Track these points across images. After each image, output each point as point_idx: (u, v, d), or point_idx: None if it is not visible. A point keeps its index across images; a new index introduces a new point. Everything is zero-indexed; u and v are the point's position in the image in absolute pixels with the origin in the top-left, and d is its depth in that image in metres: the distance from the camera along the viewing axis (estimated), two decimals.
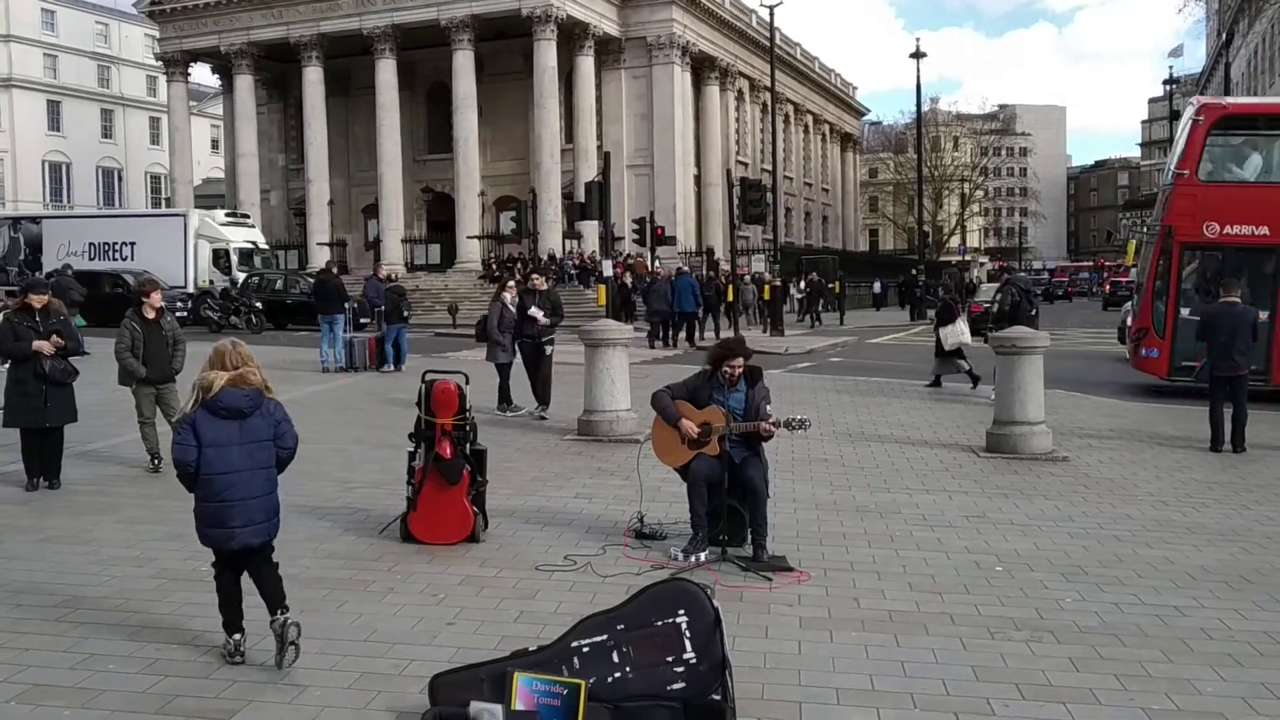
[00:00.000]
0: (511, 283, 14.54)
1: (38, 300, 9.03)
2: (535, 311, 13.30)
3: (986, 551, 7.13)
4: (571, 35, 45.78)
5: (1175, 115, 53.83)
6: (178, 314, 31.58)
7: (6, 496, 8.75)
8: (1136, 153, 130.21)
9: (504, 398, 13.61)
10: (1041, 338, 11.20)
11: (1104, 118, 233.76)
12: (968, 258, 79.62)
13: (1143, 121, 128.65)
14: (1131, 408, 14.55)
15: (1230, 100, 21.44)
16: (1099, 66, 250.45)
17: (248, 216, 44.34)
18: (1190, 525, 7.97)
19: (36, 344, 8.80)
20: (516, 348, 13.64)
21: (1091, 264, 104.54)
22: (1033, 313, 14.85)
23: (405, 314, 19.33)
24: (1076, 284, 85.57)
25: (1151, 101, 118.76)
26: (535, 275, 14.51)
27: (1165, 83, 52.36)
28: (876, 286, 53.01)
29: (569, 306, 35.17)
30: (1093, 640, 5.44)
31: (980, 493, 9.00)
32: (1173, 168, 16.38)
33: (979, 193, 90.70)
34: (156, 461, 9.75)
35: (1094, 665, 5.11)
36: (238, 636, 5.18)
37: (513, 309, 13.66)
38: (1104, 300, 56.89)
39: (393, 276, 21.56)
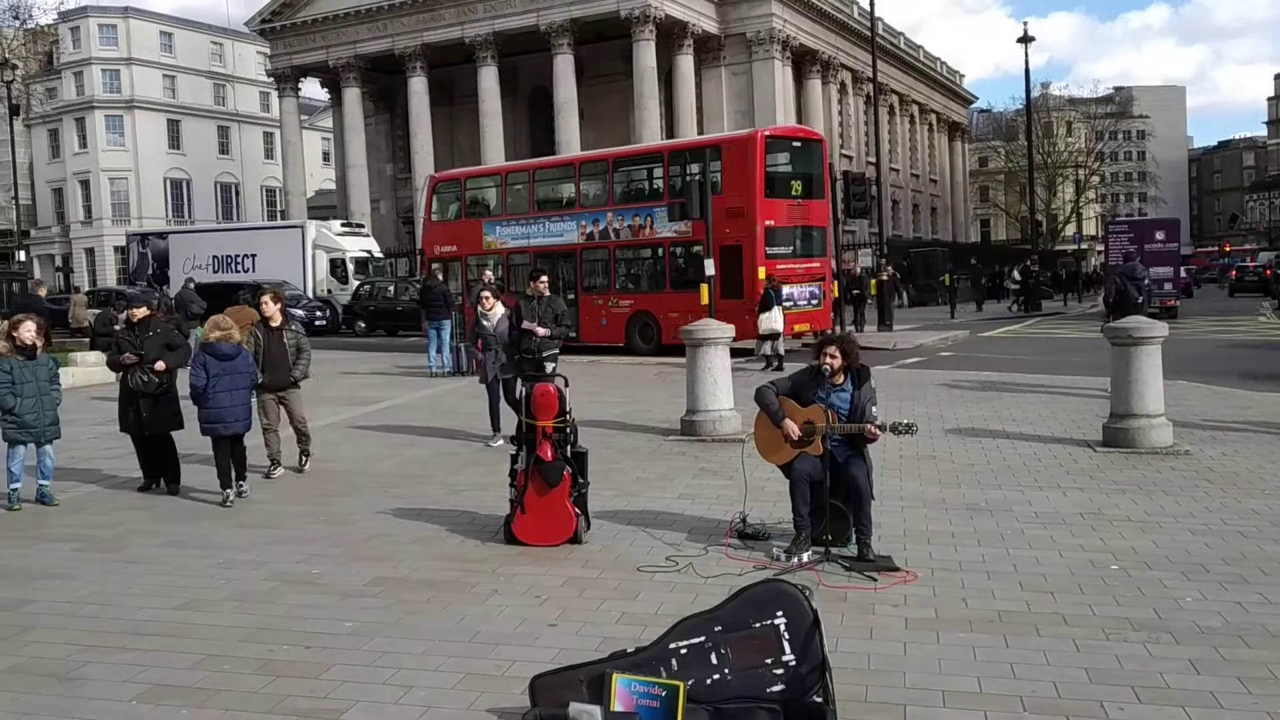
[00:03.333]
0: (485, 292, 12.36)
1: (137, 314, 9.50)
2: (530, 325, 11.43)
3: (1102, 549, 6.90)
4: (670, 35, 45.86)
5: None
6: (318, 322, 33.27)
7: (133, 503, 9.14)
8: (1262, 131, 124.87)
9: (494, 424, 11.79)
10: (1159, 327, 10.80)
11: (1225, 97, 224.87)
12: (1084, 246, 77.07)
13: (1269, 99, 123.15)
14: (1259, 397, 13.93)
15: (439, 173, 32.56)
16: (1219, 45, 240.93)
17: (362, 226, 45.43)
18: None
19: (123, 357, 9.31)
20: (504, 364, 11.69)
21: (1216, 249, 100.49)
22: (1139, 300, 14.36)
23: None
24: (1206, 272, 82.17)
25: (1278, 78, 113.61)
26: (541, 279, 12.32)
27: None
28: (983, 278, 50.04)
29: None
30: (1214, 641, 5.22)
31: (1096, 489, 8.71)
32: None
33: (1095, 178, 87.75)
34: (271, 469, 10.08)
35: (1216, 667, 4.90)
36: (229, 490, 8.91)
37: (489, 323, 11.91)
38: (1230, 287, 54.24)
39: (493, 281, 21.83)
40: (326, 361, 20.68)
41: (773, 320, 18.58)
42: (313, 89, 62.07)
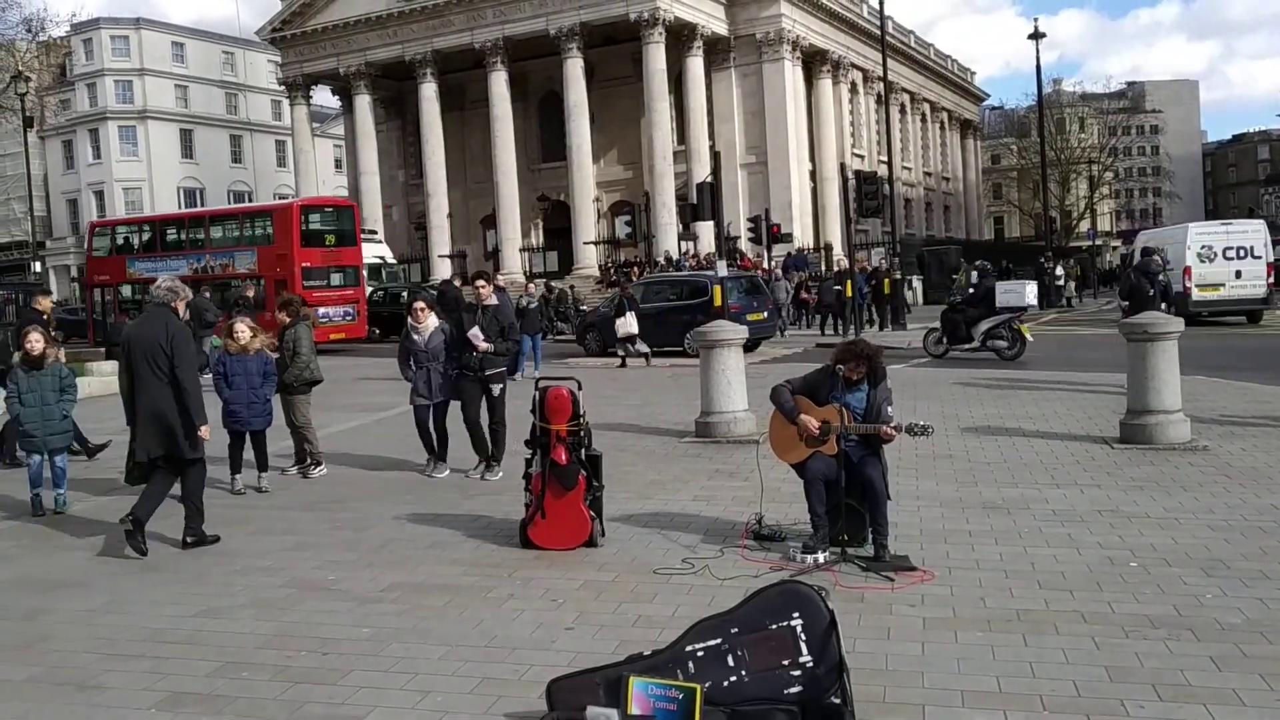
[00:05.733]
0: (419, 305, 10.48)
1: None
2: (475, 334, 9.96)
3: (1121, 546, 6.85)
4: (680, 37, 45.85)
5: None
6: None
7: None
8: (1276, 124, 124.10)
9: (429, 449, 10.47)
10: (1175, 322, 10.73)
11: (1238, 91, 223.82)
12: (1098, 242, 76.65)
13: None
14: (1278, 392, 13.84)
15: (96, 220, 43.41)
16: (1231, 39, 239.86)
17: (375, 232, 45.47)
18: None
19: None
20: (439, 385, 10.29)
21: None
22: (1150, 293, 14.29)
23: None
24: None
25: None
26: (481, 283, 10.54)
27: None
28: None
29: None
30: (1236, 638, 5.18)
31: (1114, 486, 8.66)
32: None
33: (1108, 174, 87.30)
34: (288, 466, 10.49)
35: (1237, 664, 4.86)
36: (238, 476, 9.66)
37: (420, 337, 10.29)
38: None
39: (503, 287, 21.97)
40: (340, 368, 20.76)
41: (627, 325, 21.25)
42: (324, 97, 62.29)
